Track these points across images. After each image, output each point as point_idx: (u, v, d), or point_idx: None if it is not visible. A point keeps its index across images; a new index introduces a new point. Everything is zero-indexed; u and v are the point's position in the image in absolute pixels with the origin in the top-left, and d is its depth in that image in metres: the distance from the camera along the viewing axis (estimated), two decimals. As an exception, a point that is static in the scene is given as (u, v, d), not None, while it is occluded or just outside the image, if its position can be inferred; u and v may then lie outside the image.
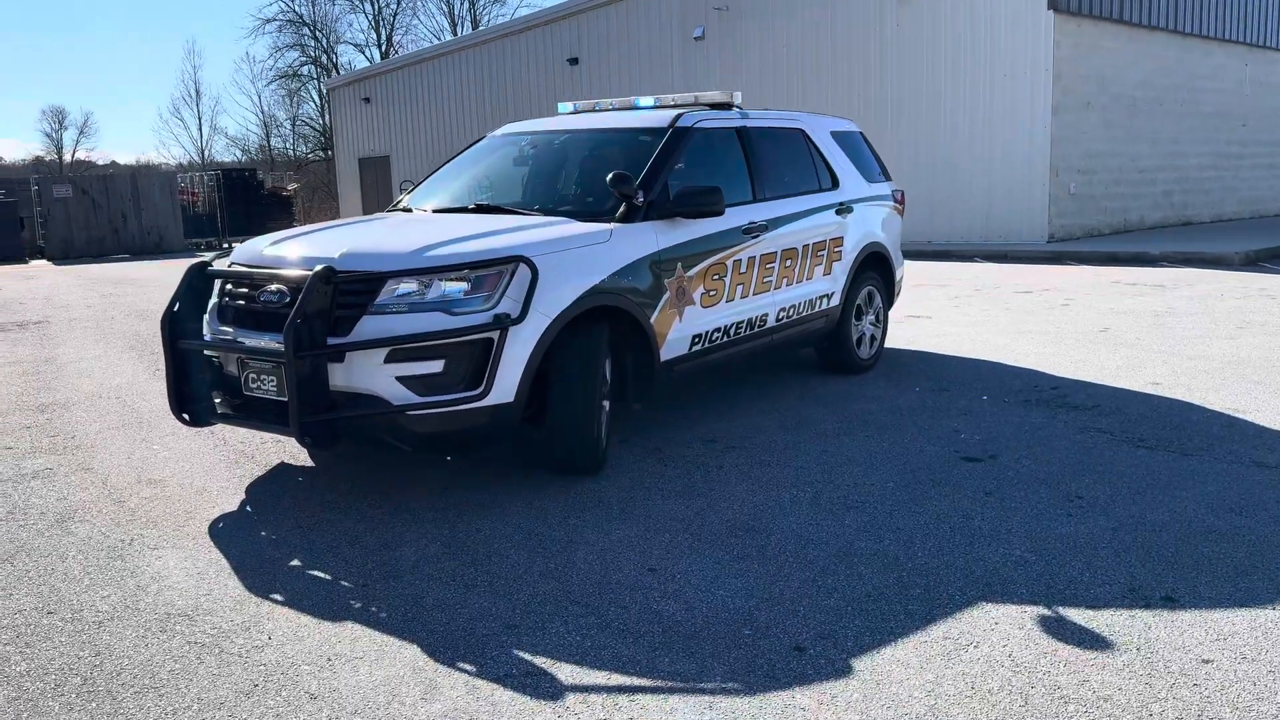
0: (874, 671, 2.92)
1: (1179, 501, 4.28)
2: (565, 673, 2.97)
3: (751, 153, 6.09)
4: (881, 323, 7.34)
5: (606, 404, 4.89)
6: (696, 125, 5.78)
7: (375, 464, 5.08)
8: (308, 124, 49.79)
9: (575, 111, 6.72)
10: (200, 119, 75.26)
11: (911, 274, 13.36)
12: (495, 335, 4.21)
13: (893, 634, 3.15)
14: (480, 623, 3.31)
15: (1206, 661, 2.93)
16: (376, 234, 4.97)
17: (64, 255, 25.67)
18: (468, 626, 3.28)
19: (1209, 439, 5.20)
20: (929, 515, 4.19)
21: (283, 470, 5.09)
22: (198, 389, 4.66)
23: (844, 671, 2.93)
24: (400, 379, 4.17)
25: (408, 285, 4.26)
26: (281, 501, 4.61)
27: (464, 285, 4.28)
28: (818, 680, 2.89)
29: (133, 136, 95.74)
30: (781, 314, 6.13)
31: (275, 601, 3.52)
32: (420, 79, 30.51)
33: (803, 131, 6.74)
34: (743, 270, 5.73)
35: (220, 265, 4.82)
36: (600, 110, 6.54)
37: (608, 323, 4.82)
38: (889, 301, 7.48)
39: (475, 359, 4.22)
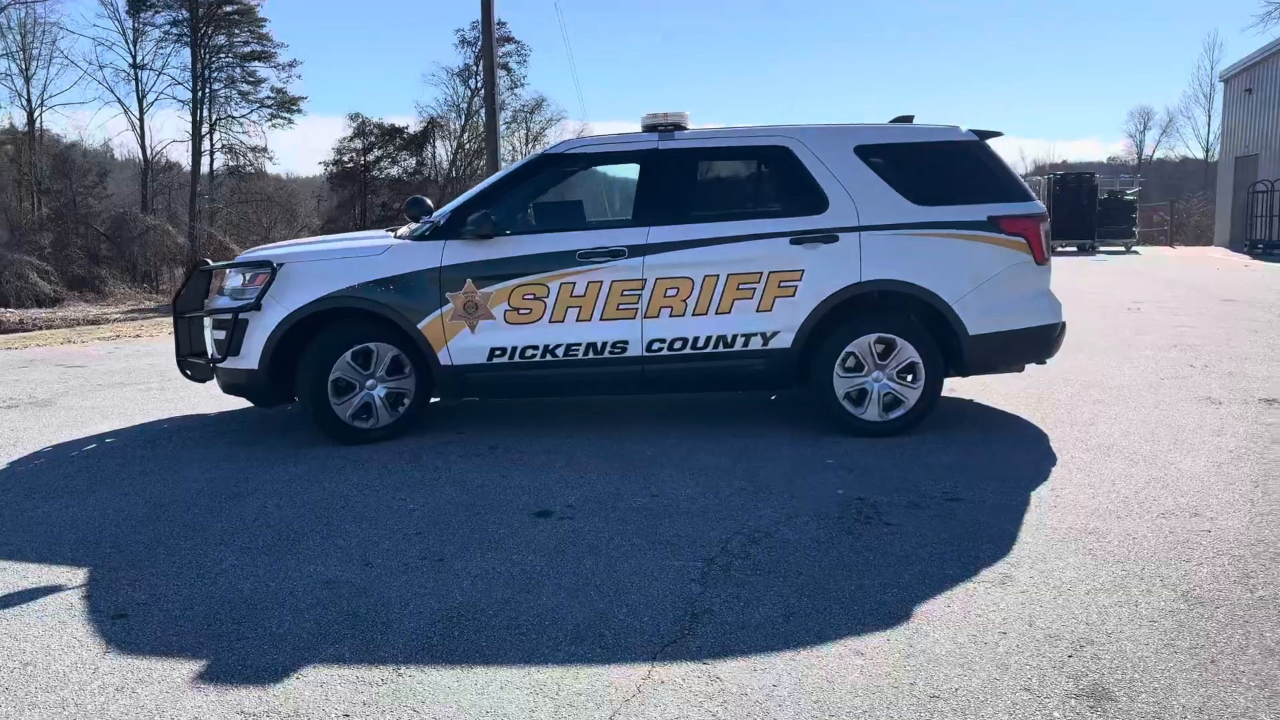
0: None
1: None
2: None
3: (653, 176, 5.93)
4: (920, 382, 5.83)
5: (381, 389, 5.96)
6: (569, 152, 6.06)
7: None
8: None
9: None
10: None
11: None
12: (234, 318, 5.89)
13: None
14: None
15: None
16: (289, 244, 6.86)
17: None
18: None
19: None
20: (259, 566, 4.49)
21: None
22: None
23: None
24: (214, 340, 6.17)
25: (231, 278, 6.18)
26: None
27: (243, 280, 6.03)
28: None
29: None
30: (657, 345, 5.84)
31: None
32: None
33: (786, 150, 5.92)
34: (578, 294, 5.81)
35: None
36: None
37: (372, 322, 5.88)
38: (949, 360, 5.88)
39: (234, 333, 5.95)
